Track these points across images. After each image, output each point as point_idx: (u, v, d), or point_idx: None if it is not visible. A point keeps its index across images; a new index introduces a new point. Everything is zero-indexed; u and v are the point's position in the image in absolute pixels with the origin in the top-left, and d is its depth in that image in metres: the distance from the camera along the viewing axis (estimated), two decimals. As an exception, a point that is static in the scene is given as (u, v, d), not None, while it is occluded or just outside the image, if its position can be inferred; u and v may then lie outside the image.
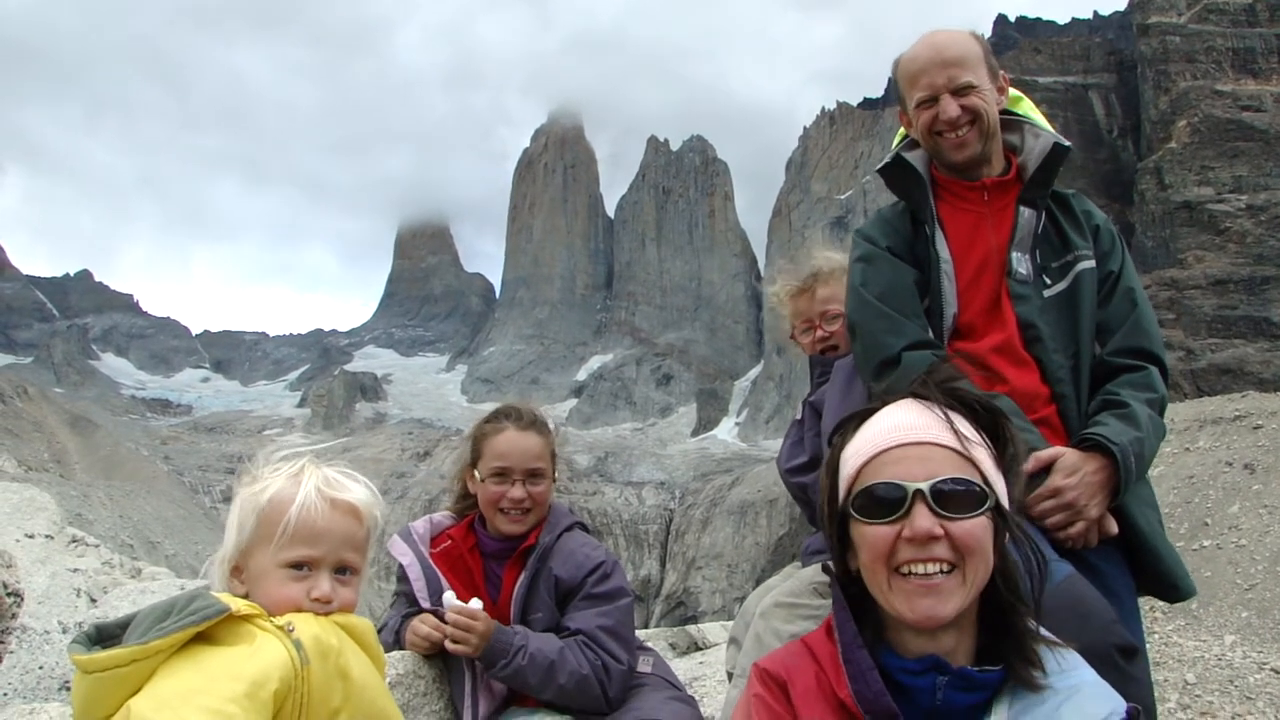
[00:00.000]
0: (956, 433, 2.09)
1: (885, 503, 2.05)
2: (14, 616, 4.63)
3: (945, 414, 2.11)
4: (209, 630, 2.08)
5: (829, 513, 2.22)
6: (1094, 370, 3.42)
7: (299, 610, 2.29)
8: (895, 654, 2.08)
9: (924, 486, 2.02)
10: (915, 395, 2.19)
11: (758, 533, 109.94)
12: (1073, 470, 3.08)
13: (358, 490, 2.47)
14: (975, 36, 3.57)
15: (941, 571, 2.00)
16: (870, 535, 2.06)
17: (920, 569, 2.00)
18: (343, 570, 2.41)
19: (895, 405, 2.19)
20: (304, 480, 2.40)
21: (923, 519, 2.00)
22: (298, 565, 2.34)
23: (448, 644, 3.43)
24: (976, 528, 2.01)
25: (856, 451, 2.15)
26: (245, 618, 2.15)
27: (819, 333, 4.46)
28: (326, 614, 2.32)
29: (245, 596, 2.31)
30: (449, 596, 3.49)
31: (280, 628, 2.18)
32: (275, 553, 2.34)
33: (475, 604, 3.47)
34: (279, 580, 2.33)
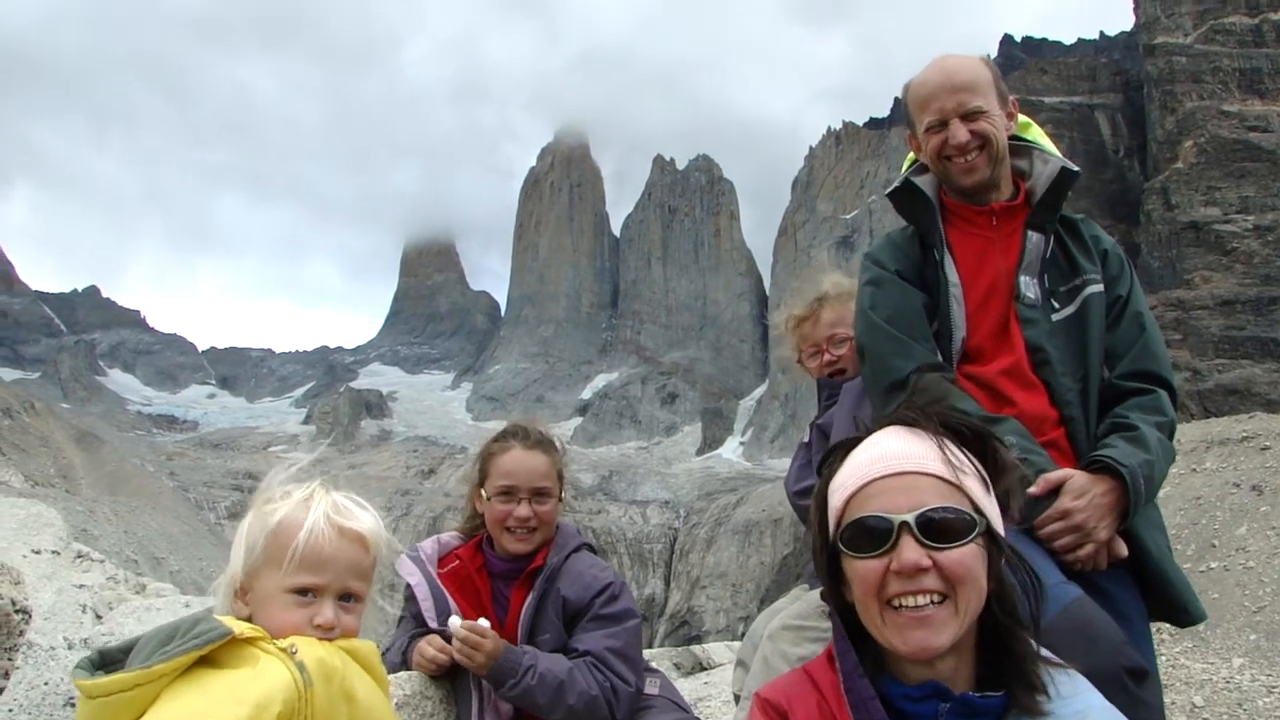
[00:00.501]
0: (941, 459, 2.05)
1: (872, 536, 2.01)
2: (22, 634, 4.63)
3: (932, 438, 2.08)
4: (212, 654, 2.08)
5: (819, 545, 2.21)
6: (1103, 394, 3.42)
7: (301, 636, 2.29)
8: (896, 681, 2.06)
9: (909, 518, 1.98)
10: (900, 421, 2.16)
11: (762, 552, 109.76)
12: (1081, 492, 3.06)
13: (366, 519, 2.47)
14: (985, 62, 3.59)
15: (932, 603, 1.97)
16: (860, 569, 2.03)
17: (911, 601, 1.97)
18: (347, 598, 2.41)
19: (880, 433, 2.16)
20: (313, 506, 2.41)
21: (910, 551, 1.96)
22: (303, 591, 2.34)
23: (456, 656, 3.43)
24: (966, 556, 1.98)
25: (842, 484, 2.12)
26: (248, 640, 2.15)
27: (826, 356, 4.47)
28: (329, 640, 2.32)
29: (248, 619, 2.31)
30: (454, 621, 3.48)
31: (283, 650, 2.17)
32: (281, 577, 2.34)
33: (483, 623, 3.47)
34: (283, 605, 2.33)
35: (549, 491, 3.76)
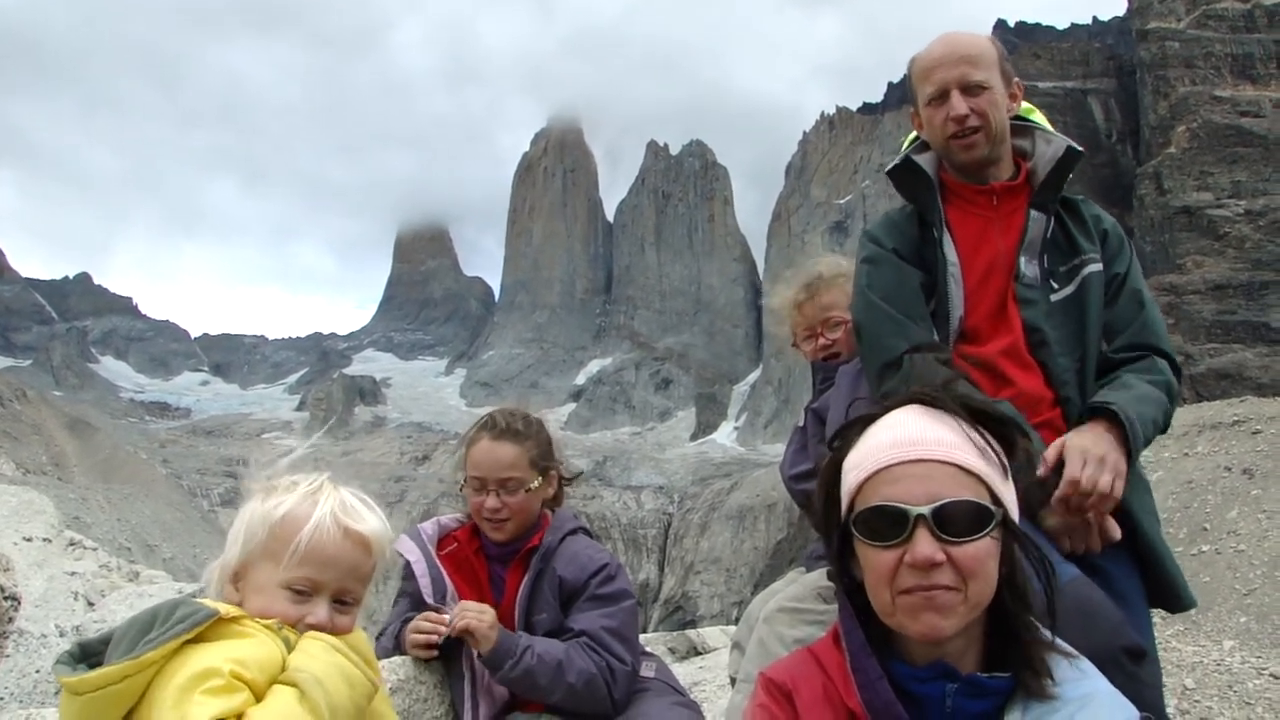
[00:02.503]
0: (961, 445, 2.02)
1: (887, 526, 1.98)
2: (10, 620, 4.62)
3: (954, 423, 2.06)
4: (198, 635, 2.05)
5: (829, 522, 2.17)
6: (1100, 369, 3.40)
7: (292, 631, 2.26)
8: (903, 662, 2.05)
9: (926, 510, 1.94)
10: (921, 400, 2.12)
11: (756, 537, 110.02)
12: (1077, 444, 3.03)
13: (372, 521, 2.41)
14: (993, 41, 3.55)
15: (944, 590, 1.95)
16: (873, 558, 2.01)
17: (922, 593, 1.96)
18: (344, 599, 2.36)
19: (899, 413, 2.11)
20: (321, 502, 2.34)
21: (924, 545, 1.93)
22: (300, 588, 2.29)
23: (463, 622, 3.39)
24: (980, 550, 1.95)
25: (857, 464, 2.08)
26: (233, 619, 2.12)
27: (821, 340, 4.43)
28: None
29: (238, 605, 2.26)
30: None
31: (268, 626, 2.16)
32: (280, 572, 2.28)
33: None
34: (278, 600, 2.28)
35: (517, 481, 3.70)
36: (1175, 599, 3.27)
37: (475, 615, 3.40)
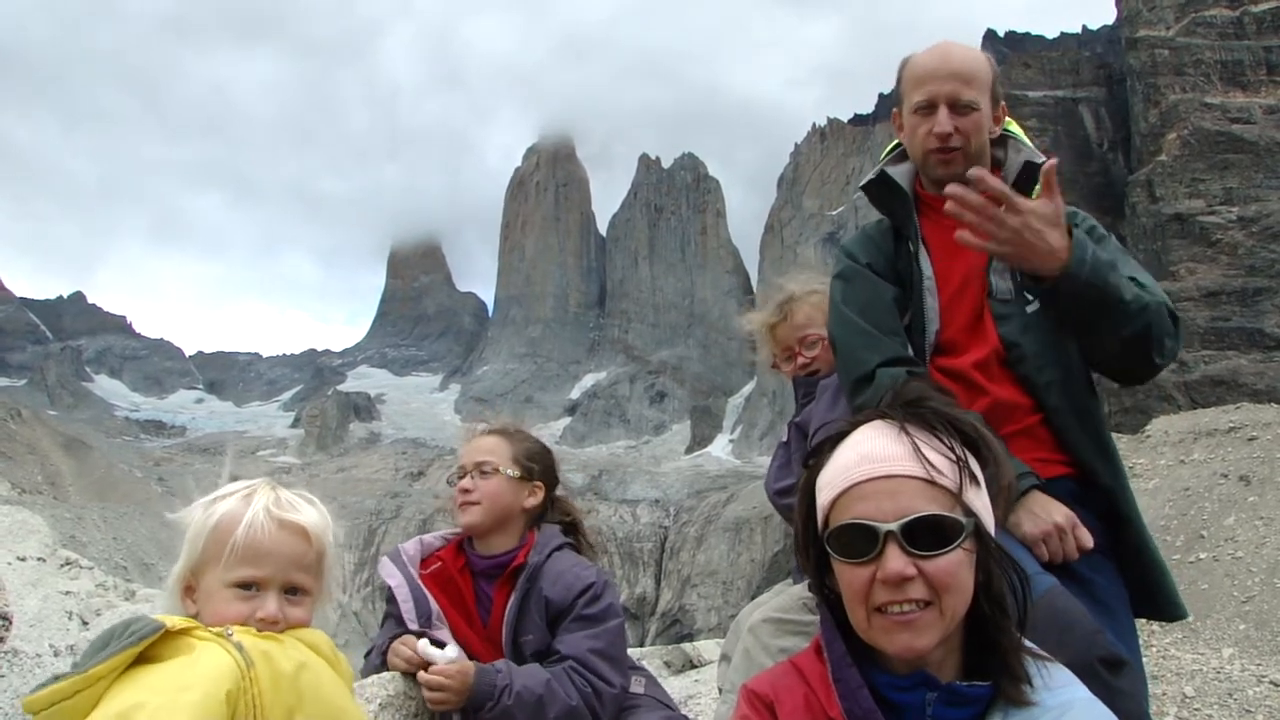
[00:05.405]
0: (926, 460, 2.02)
1: (857, 543, 2.00)
2: (2, 640, 4.60)
3: (923, 436, 2.06)
4: (151, 651, 2.06)
5: (805, 538, 2.20)
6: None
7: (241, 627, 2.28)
8: (884, 671, 2.06)
9: (894, 527, 1.96)
10: (887, 417, 2.13)
11: (753, 549, 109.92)
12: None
13: (308, 512, 2.48)
14: (989, 60, 3.54)
15: (917, 607, 1.96)
16: (847, 576, 2.03)
17: (896, 608, 1.97)
18: (293, 591, 2.41)
19: (865, 429, 2.13)
20: (254, 501, 2.41)
21: (895, 561, 1.95)
22: (244, 585, 2.34)
23: (429, 704, 3.40)
24: (951, 563, 1.96)
25: (829, 482, 2.10)
26: (183, 631, 2.13)
27: (799, 359, 4.42)
28: (274, 632, 2.31)
29: (195, 617, 2.31)
30: (424, 645, 3.45)
31: (218, 634, 2.17)
32: (223, 572, 2.34)
33: (451, 650, 3.44)
34: (226, 600, 2.33)
35: (492, 465, 3.81)
36: (1174, 606, 3.27)
37: (440, 700, 3.38)
